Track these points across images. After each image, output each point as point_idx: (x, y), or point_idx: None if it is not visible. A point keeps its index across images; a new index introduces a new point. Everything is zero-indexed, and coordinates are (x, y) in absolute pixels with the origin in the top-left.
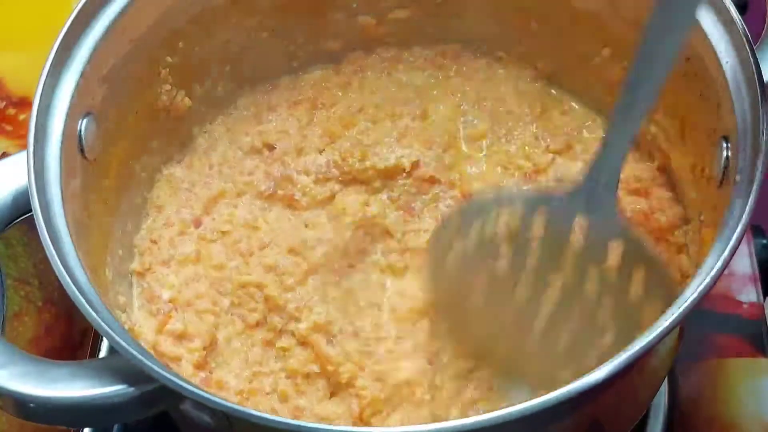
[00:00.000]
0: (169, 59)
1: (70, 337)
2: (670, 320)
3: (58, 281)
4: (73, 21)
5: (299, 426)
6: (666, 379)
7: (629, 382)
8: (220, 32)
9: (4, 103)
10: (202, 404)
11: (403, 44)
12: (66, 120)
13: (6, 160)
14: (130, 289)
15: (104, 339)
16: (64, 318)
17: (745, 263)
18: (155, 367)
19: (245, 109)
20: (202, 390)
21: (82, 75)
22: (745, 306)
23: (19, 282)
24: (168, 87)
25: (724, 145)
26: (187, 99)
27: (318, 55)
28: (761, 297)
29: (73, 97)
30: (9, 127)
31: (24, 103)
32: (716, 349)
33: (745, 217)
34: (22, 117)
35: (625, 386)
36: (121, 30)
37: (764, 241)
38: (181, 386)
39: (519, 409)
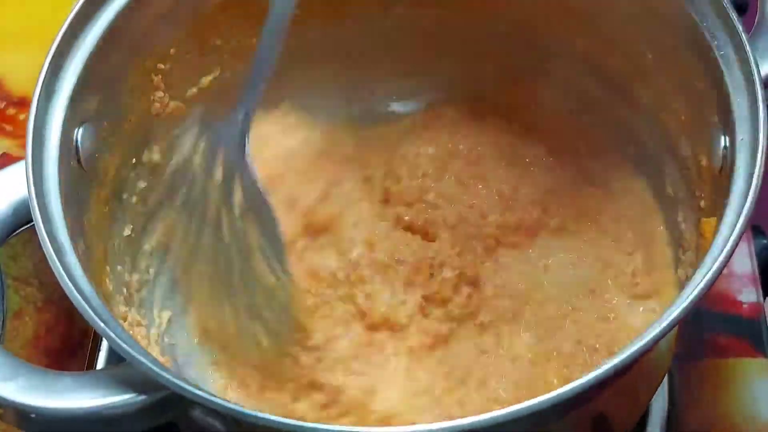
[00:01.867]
0: (161, 66)
1: (70, 338)
2: (669, 320)
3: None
4: (65, 30)
5: (314, 428)
6: (665, 379)
7: (628, 382)
8: (210, 38)
9: (4, 103)
10: (213, 410)
11: None
12: (62, 129)
13: (4, 171)
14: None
15: (104, 340)
16: (64, 318)
17: (745, 263)
18: (165, 374)
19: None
20: (214, 396)
21: (77, 84)
22: (745, 306)
23: (19, 282)
24: (160, 94)
25: (722, 136)
26: (180, 105)
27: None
28: (761, 297)
29: (68, 106)
30: (9, 127)
31: (24, 103)
32: (716, 349)
33: (744, 215)
34: (22, 117)
35: (624, 385)
36: (114, 38)
37: (764, 241)
38: (192, 393)
39: (518, 409)
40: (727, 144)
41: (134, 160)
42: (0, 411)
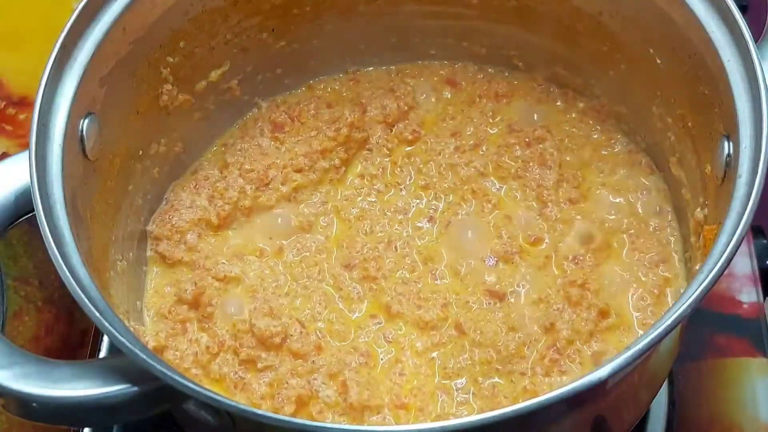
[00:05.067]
0: (170, 59)
1: (70, 337)
2: (670, 320)
3: (59, 281)
4: (74, 21)
5: (302, 424)
6: (666, 379)
7: (630, 382)
8: (220, 32)
9: (4, 103)
10: (205, 403)
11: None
12: (67, 120)
13: (8, 161)
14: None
15: (104, 339)
16: (64, 318)
17: (745, 263)
18: (158, 366)
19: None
20: (205, 389)
21: (83, 75)
22: (745, 306)
23: (19, 282)
24: (169, 87)
25: (726, 143)
26: (189, 98)
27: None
28: (761, 297)
29: (74, 97)
30: (9, 127)
31: (24, 103)
32: (716, 349)
33: (747, 217)
34: (22, 117)
35: (626, 386)
36: (122, 30)
37: (764, 241)
38: (184, 385)
39: (519, 408)
40: (731, 152)
41: (141, 152)
42: (2, 401)
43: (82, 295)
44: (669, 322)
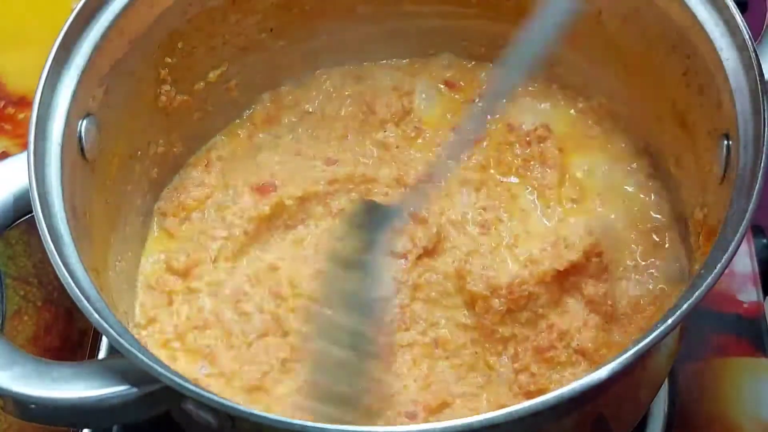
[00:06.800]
0: (168, 59)
1: (69, 337)
2: (670, 320)
3: (58, 281)
4: (72, 22)
5: (303, 426)
6: (666, 379)
7: (630, 382)
8: (219, 33)
9: (3, 103)
10: (204, 404)
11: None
12: (66, 121)
13: (6, 161)
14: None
15: (103, 339)
16: (63, 317)
17: (745, 263)
18: (157, 368)
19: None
20: (205, 390)
21: (82, 76)
22: (745, 305)
23: (19, 281)
24: (167, 87)
25: (725, 142)
26: (187, 99)
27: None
28: (761, 297)
29: (72, 98)
30: (8, 126)
31: (23, 103)
32: (716, 349)
33: (747, 217)
34: (21, 116)
35: (626, 386)
36: (120, 31)
37: (764, 241)
38: (183, 386)
39: (519, 408)
40: (731, 151)
41: (139, 153)
42: (0, 402)
43: (81, 296)
44: (669, 322)
